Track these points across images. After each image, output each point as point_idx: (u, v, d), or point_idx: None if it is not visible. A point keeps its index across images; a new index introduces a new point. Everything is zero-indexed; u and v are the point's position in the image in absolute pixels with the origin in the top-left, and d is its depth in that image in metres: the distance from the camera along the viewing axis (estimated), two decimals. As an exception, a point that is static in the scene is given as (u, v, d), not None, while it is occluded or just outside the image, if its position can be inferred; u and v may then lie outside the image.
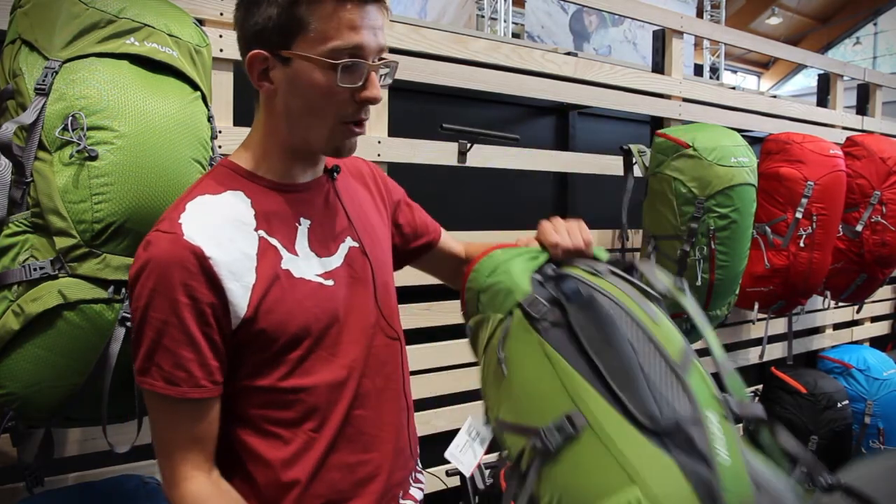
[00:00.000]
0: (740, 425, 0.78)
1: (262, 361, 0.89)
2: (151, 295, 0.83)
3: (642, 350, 0.78)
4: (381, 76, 0.92)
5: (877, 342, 3.27)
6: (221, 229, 0.86)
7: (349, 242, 0.98)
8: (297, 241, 0.92)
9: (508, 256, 0.91)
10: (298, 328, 0.89)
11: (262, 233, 0.89)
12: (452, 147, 1.80)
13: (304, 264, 0.92)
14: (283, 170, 0.94)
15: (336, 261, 0.96)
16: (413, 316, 1.72)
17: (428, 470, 1.67)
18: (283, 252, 0.90)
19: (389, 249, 1.09)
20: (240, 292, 0.85)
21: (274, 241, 0.90)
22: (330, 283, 0.93)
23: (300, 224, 0.94)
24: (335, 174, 1.01)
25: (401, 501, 0.99)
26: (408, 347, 1.14)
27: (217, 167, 0.95)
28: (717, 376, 0.84)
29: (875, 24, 13.95)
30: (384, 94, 1.67)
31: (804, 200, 2.18)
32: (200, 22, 1.21)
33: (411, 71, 1.72)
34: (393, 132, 1.70)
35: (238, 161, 0.94)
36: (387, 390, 0.99)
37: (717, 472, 0.69)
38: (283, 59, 0.87)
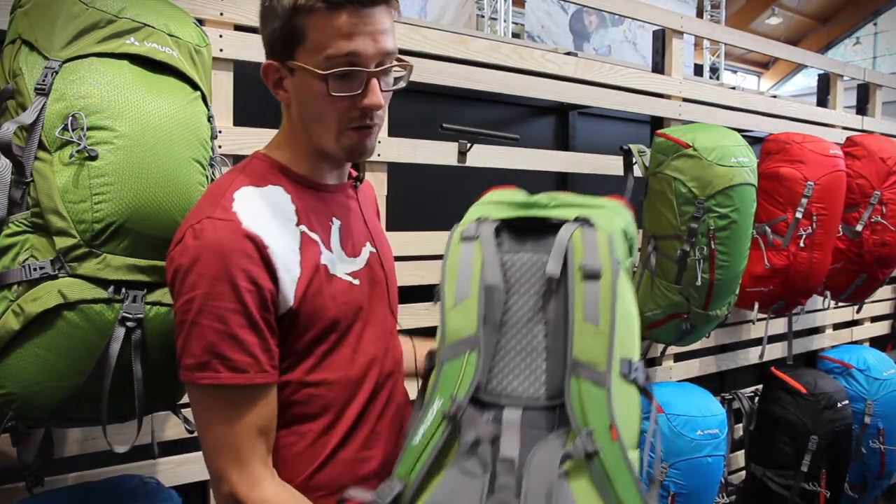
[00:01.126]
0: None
1: (294, 353, 0.90)
2: (211, 283, 0.82)
3: None
4: (395, 80, 0.93)
5: (877, 342, 3.26)
6: (271, 221, 0.88)
7: (369, 248, 1.02)
8: (331, 239, 0.95)
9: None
10: (329, 321, 0.91)
11: (303, 227, 0.92)
12: (452, 147, 1.80)
13: (337, 262, 0.95)
14: (311, 169, 0.97)
15: (360, 262, 0.99)
16: (413, 316, 1.72)
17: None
18: (322, 247, 0.93)
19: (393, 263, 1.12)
20: (289, 284, 0.87)
21: (314, 236, 0.92)
22: (357, 282, 0.96)
23: (332, 223, 0.97)
24: (358, 183, 1.05)
25: None
26: (408, 347, 1.15)
27: (254, 161, 0.97)
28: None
29: (875, 24, 13.96)
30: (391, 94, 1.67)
31: (804, 200, 2.18)
32: (200, 22, 1.21)
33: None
34: (393, 132, 1.70)
35: (276, 157, 0.96)
36: (394, 391, 1.02)
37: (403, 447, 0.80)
38: (291, 69, 0.89)
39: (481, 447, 0.77)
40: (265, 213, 0.88)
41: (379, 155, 1.66)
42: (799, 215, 2.17)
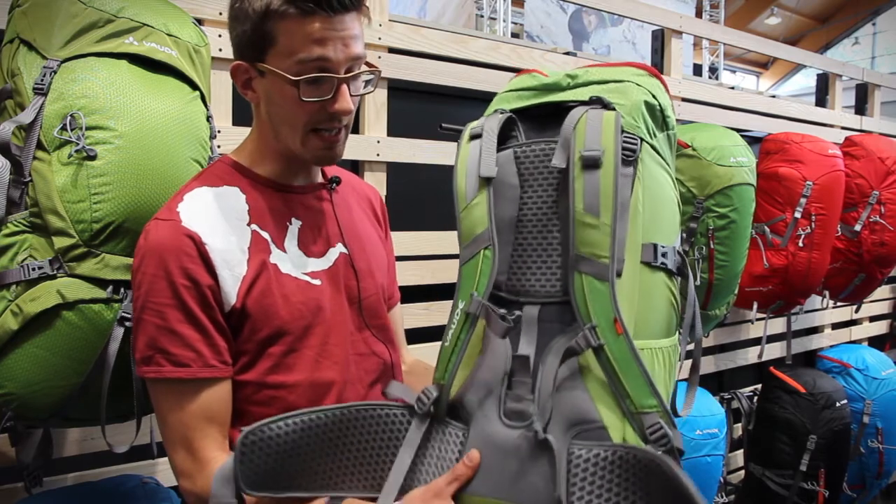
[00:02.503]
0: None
1: (247, 353, 0.89)
2: (152, 280, 0.84)
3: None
4: (364, 84, 0.94)
5: (875, 342, 3.27)
6: (217, 220, 0.88)
7: (339, 249, 1.00)
8: (286, 238, 0.94)
9: None
10: (282, 321, 0.90)
11: (254, 227, 0.92)
12: (452, 147, 1.79)
13: (292, 261, 0.93)
14: (277, 170, 0.96)
15: (324, 263, 0.97)
16: (412, 316, 1.72)
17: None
18: (273, 247, 0.92)
19: (384, 266, 1.09)
20: (231, 281, 0.87)
21: (265, 235, 0.92)
22: (317, 282, 0.94)
23: (291, 223, 0.95)
24: (334, 185, 1.02)
25: None
26: (407, 347, 1.14)
27: (217, 163, 0.97)
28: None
29: (874, 25, 13.96)
30: (383, 94, 1.67)
31: (803, 200, 2.18)
32: (199, 21, 1.21)
33: (411, 71, 1.72)
34: (392, 132, 1.70)
35: (237, 158, 0.97)
36: (370, 396, 0.98)
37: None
38: (260, 71, 0.89)
39: (501, 345, 0.78)
40: (211, 212, 0.89)
41: (378, 155, 1.66)
42: (798, 215, 2.18)
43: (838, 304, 2.87)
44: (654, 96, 0.85)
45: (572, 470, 0.71)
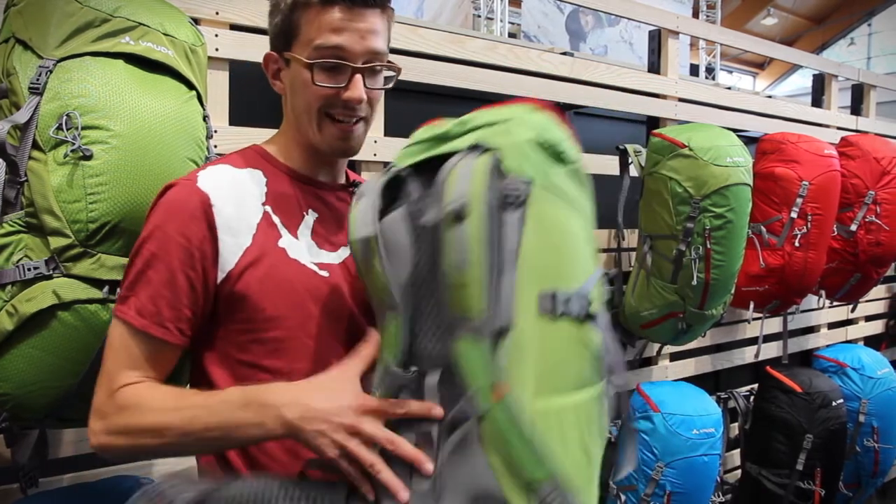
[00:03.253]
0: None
1: (247, 331, 0.89)
2: (152, 230, 0.87)
3: None
4: (383, 79, 0.97)
5: (871, 341, 3.28)
6: (232, 192, 0.91)
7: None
8: (300, 227, 0.95)
9: None
10: (284, 305, 0.89)
11: (267, 208, 0.93)
12: (448, 147, 1.80)
13: (302, 249, 0.94)
14: (302, 163, 0.99)
15: (335, 258, 0.97)
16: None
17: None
18: (283, 231, 0.93)
19: None
20: (231, 248, 0.88)
21: (276, 219, 0.93)
22: (325, 273, 0.94)
23: (308, 214, 0.97)
24: (356, 189, 1.02)
25: None
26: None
27: (247, 149, 1.00)
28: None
29: (869, 25, 14.01)
30: (380, 94, 1.67)
31: (799, 200, 2.18)
32: (196, 21, 1.21)
33: (407, 70, 1.71)
34: (389, 132, 1.70)
35: (267, 148, 1.00)
36: None
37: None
38: (286, 60, 0.94)
39: (407, 420, 0.75)
40: (229, 184, 0.91)
41: (375, 154, 1.66)
42: (794, 215, 2.18)
43: (834, 303, 2.87)
44: (543, 131, 0.79)
45: None
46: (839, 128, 2.98)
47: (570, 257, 0.76)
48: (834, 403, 2.42)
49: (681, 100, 2.35)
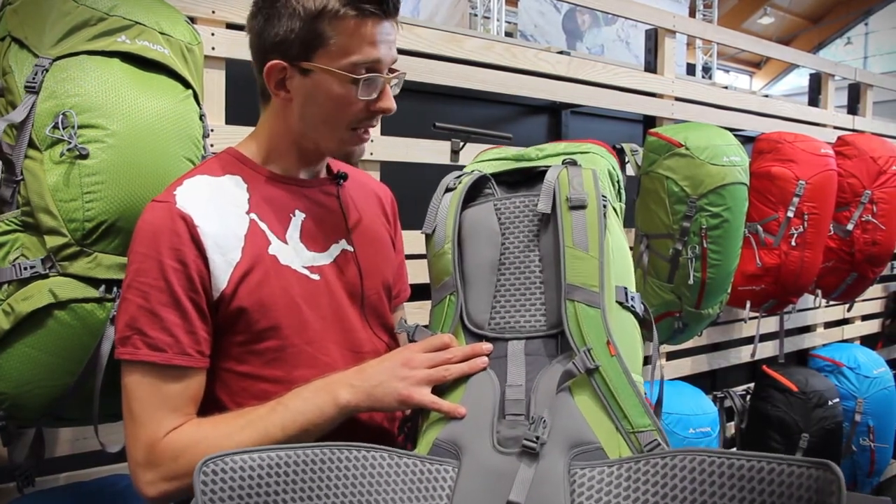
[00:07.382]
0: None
1: (244, 343, 0.89)
2: (141, 260, 0.84)
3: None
4: (392, 87, 0.97)
5: (867, 340, 3.29)
6: (213, 205, 0.88)
7: (342, 245, 0.99)
8: (288, 230, 0.94)
9: None
10: (279, 314, 0.89)
11: (253, 216, 0.91)
12: (445, 146, 1.80)
13: (292, 254, 0.93)
14: (285, 166, 0.97)
15: (325, 258, 0.96)
16: (409, 315, 1.72)
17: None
18: (272, 238, 0.92)
19: (391, 264, 1.09)
20: (222, 266, 0.87)
21: (263, 226, 0.91)
22: (316, 277, 0.94)
23: (294, 215, 0.95)
24: (341, 181, 1.03)
25: None
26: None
27: (222, 154, 0.97)
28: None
29: (866, 25, 14.04)
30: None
31: (795, 199, 2.19)
32: (192, 20, 1.21)
33: (404, 69, 1.71)
34: (385, 131, 1.70)
35: (243, 151, 0.97)
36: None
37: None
38: (303, 70, 0.90)
39: (486, 377, 0.82)
40: (208, 197, 0.89)
41: (371, 154, 1.66)
42: (790, 214, 2.19)
43: (830, 303, 2.88)
44: (613, 168, 1.01)
45: (576, 490, 0.72)
46: (836, 127, 2.99)
47: (627, 267, 0.91)
48: (830, 403, 2.43)
49: (677, 99, 2.35)
